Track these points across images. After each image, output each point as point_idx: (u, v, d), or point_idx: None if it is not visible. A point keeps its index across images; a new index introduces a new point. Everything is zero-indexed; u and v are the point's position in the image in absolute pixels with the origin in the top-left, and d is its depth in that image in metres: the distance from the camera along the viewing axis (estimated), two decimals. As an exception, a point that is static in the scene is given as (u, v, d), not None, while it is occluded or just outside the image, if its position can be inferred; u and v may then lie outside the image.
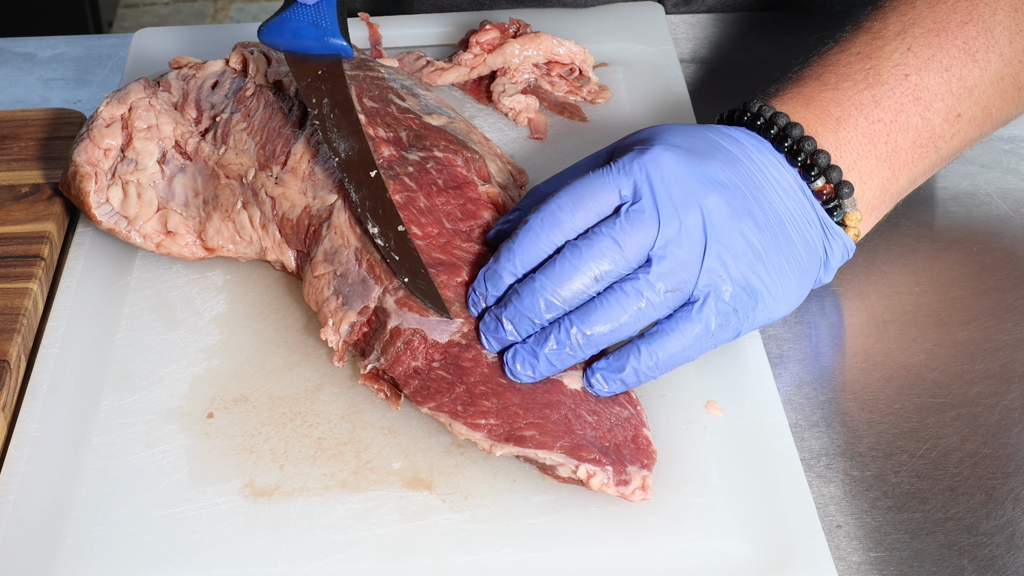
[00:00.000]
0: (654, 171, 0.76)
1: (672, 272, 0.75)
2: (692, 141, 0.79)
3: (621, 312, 0.75)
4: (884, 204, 0.84)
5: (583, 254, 0.75)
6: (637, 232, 0.75)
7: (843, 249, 0.81)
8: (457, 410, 0.75)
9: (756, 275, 0.76)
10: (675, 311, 0.76)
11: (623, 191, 0.76)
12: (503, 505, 0.74)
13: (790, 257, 0.78)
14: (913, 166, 0.83)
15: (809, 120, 0.82)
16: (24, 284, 0.88)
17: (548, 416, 0.75)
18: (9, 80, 1.16)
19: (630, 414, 0.76)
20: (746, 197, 0.77)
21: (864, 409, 0.83)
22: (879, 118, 0.82)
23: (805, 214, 0.80)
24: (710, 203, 0.76)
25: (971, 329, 0.89)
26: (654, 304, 0.75)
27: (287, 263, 0.87)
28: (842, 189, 0.80)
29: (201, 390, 0.81)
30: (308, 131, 0.88)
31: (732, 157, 0.79)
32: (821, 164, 0.80)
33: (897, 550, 0.75)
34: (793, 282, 0.78)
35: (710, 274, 0.75)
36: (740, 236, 0.76)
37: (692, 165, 0.77)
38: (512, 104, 1.02)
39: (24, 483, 0.76)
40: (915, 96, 0.83)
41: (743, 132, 0.82)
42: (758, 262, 0.76)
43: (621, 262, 0.75)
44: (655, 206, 0.75)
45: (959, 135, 0.84)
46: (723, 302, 0.75)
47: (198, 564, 0.72)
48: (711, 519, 0.73)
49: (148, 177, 0.90)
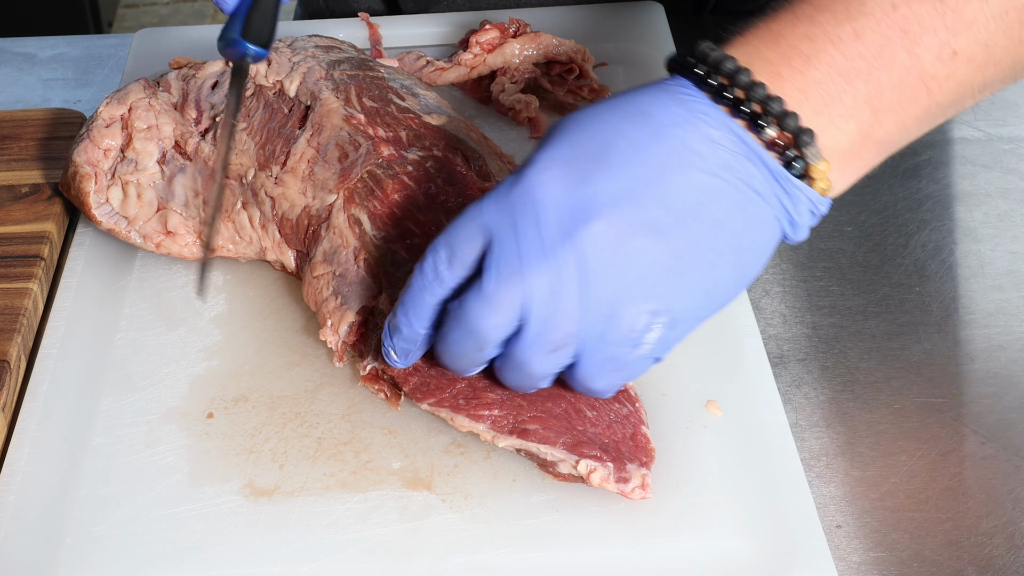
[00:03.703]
0: (522, 211, 0.68)
1: (546, 332, 0.68)
2: (584, 142, 0.70)
3: (517, 377, 0.71)
4: (867, 151, 0.72)
5: (462, 324, 0.70)
6: (505, 291, 0.68)
7: (809, 205, 0.71)
8: (459, 404, 0.75)
9: (661, 295, 0.68)
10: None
11: (494, 232, 0.69)
12: (503, 505, 0.74)
13: (717, 243, 0.69)
14: (900, 109, 0.72)
15: (774, 60, 0.71)
16: (24, 284, 0.88)
17: (551, 410, 0.75)
18: (9, 80, 1.16)
19: (629, 411, 0.76)
20: (643, 203, 0.68)
21: (864, 409, 0.83)
22: (859, 53, 0.71)
23: (747, 177, 0.69)
24: (590, 234, 0.67)
25: (971, 329, 0.89)
26: (541, 366, 0.70)
27: (287, 263, 0.87)
28: (801, 137, 0.70)
29: (201, 390, 0.81)
30: (308, 131, 0.88)
31: (635, 146, 0.69)
32: (774, 112, 0.70)
33: (897, 550, 0.75)
34: (727, 267, 0.70)
35: (596, 321, 0.68)
36: (633, 261, 0.68)
37: (571, 186, 0.68)
38: (512, 104, 1.02)
39: (24, 483, 0.76)
40: (903, 29, 0.71)
41: (667, 95, 0.71)
42: (664, 277, 0.68)
43: (500, 327, 0.69)
44: (520, 255, 0.68)
45: (955, 77, 0.72)
46: (613, 346, 0.69)
47: (198, 564, 0.72)
48: (711, 519, 0.73)
49: (148, 177, 0.90)
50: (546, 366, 0.70)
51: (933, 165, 1.03)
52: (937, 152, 1.05)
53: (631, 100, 0.71)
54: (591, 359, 0.70)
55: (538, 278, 0.68)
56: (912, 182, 1.02)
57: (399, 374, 0.77)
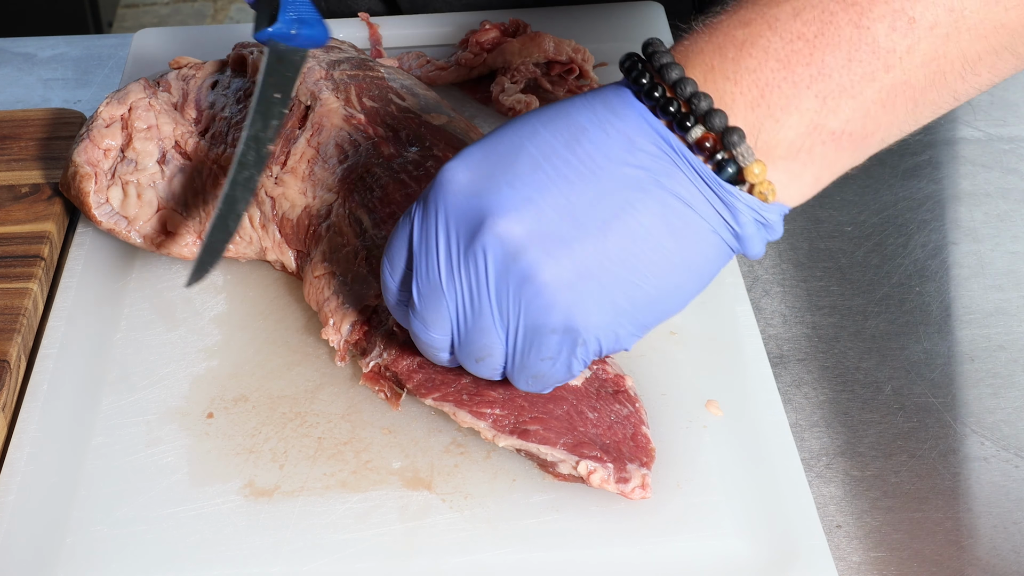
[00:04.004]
0: (432, 220, 0.66)
1: (467, 344, 0.68)
2: (498, 146, 0.65)
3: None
4: (821, 145, 0.64)
5: (412, 334, 0.70)
6: (430, 309, 0.67)
7: (751, 213, 0.64)
8: (462, 399, 0.75)
9: (564, 312, 0.64)
10: None
11: (414, 239, 0.67)
12: (503, 505, 0.74)
13: (632, 259, 0.64)
14: (855, 92, 0.63)
15: (707, 52, 0.64)
16: (24, 284, 0.88)
17: (552, 411, 0.75)
18: (9, 80, 1.16)
19: (629, 412, 0.76)
20: (543, 212, 0.63)
21: (864, 409, 0.83)
22: (799, 33, 0.62)
23: (671, 185, 0.63)
24: (487, 245, 0.64)
25: (971, 329, 0.89)
26: (477, 371, 0.70)
27: (287, 263, 0.87)
28: (728, 137, 0.62)
29: (201, 390, 0.81)
30: (308, 131, 0.88)
31: (545, 151, 0.64)
32: (699, 110, 0.62)
33: (897, 550, 0.75)
34: (648, 286, 0.65)
35: (506, 333, 0.66)
36: (532, 274, 0.64)
37: (473, 194, 0.64)
38: (512, 104, 1.02)
39: (24, 483, 0.76)
40: (848, 1, 0.62)
41: (599, 97, 0.65)
42: (565, 294, 0.64)
43: (438, 339, 0.69)
44: (438, 266, 0.66)
45: (918, 49, 0.62)
46: (525, 357, 0.67)
47: (198, 564, 0.72)
48: (711, 519, 0.73)
49: (148, 177, 0.90)
50: (481, 371, 0.69)
51: (933, 165, 1.03)
52: (937, 152, 1.05)
53: (563, 103, 0.66)
54: (512, 368, 0.68)
55: (453, 291, 0.66)
56: (912, 182, 1.02)
57: (404, 371, 0.77)
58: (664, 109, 0.63)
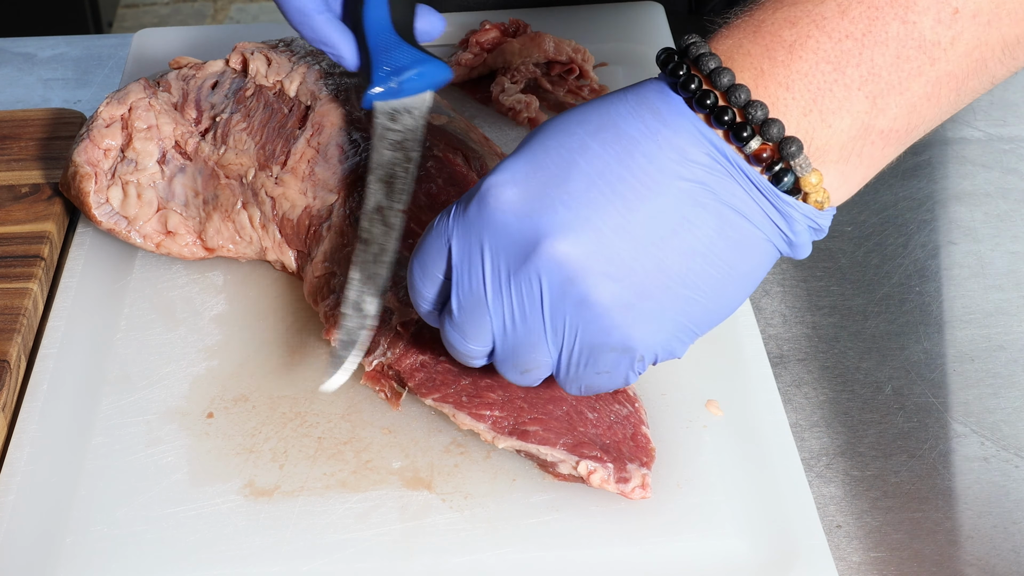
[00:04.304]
0: (478, 236, 0.64)
1: (512, 358, 0.66)
2: (546, 159, 0.63)
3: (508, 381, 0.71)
4: (871, 146, 0.64)
5: (445, 341, 0.69)
6: (470, 322, 0.66)
7: (806, 221, 0.64)
8: (462, 401, 0.75)
9: (623, 333, 0.64)
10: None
11: (453, 255, 0.65)
12: (503, 505, 0.74)
13: (691, 276, 0.63)
14: (903, 89, 0.62)
15: (756, 54, 0.62)
16: (24, 284, 0.88)
17: (551, 412, 0.75)
18: (9, 80, 1.16)
19: (629, 412, 0.76)
20: (602, 233, 0.62)
21: (864, 409, 0.83)
22: (847, 32, 0.61)
23: (728, 198, 0.62)
24: (544, 267, 0.62)
25: (971, 329, 0.89)
26: (518, 381, 0.68)
27: (287, 263, 0.87)
28: (787, 148, 0.61)
29: (201, 390, 0.81)
30: (308, 131, 0.88)
31: (598, 167, 0.63)
32: (756, 119, 0.61)
33: (897, 550, 0.75)
34: (704, 300, 0.64)
35: (559, 350, 0.65)
36: (591, 296, 0.63)
37: (526, 213, 0.63)
38: (512, 104, 1.02)
39: (24, 483, 0.76)
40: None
41: (642, 103, 0.64)
42: (626, 315, 0.63)
43: (475, 350, 0.68)
44: (483, 283, 0.64)
45: (963, 39, 0.62)
46: (578, 369, 0.66)
47: (198, 564, 0.72)
48: (711, 518, 0.73)
49: (148, 177, 0.90)
50: (523, 382, 0.68)
51: (933, 165, 1.03)
52: (937, 152, 1.05)
53: (603, 110, 0.64)
54: (563, 379, 0.67)
55: (497, 308, 0.65)
56: (912, 182, 1.02)
57: (406, 369, 0.77)
58: (718, 118, 0.62)
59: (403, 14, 0.81)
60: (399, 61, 0.79)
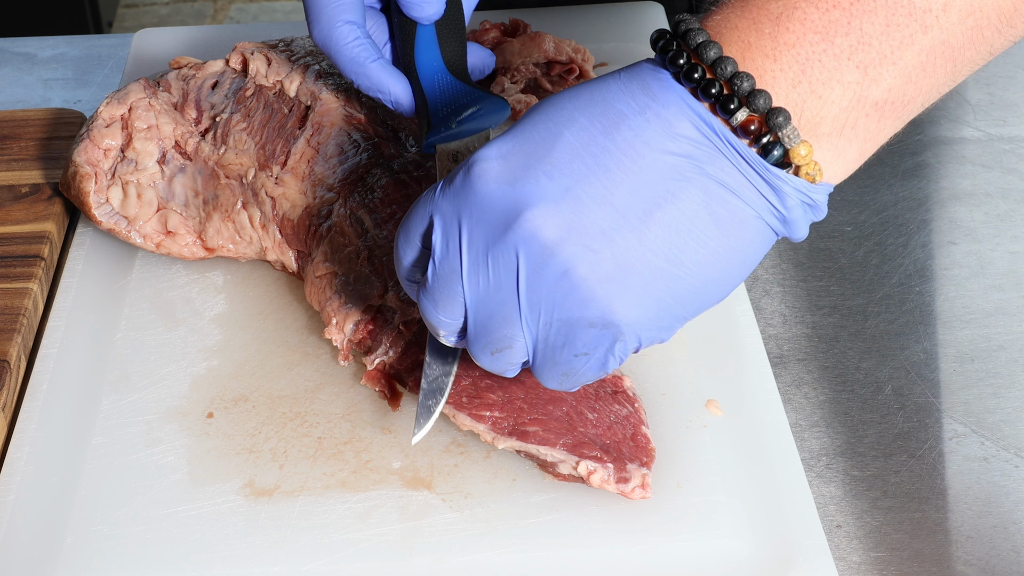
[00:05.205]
0: (463, 206, 0.63)
1: (485, 334, 0.65)
2: (534, 133, 0.63)
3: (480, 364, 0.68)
4: (864, 118, 0.62)
5: (420, 311, 0.68)
6: (444, 290, 0.65)
7: (799, 196, 0.62)
8: (462, 401, 0.75)
9: (603, 307, 0.62)
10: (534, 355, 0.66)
11: (436, 224, 0.65)
12: (503, 504, 0.74)
13: (676, 251, 0.61)
14: (895, 58, 0.61)
15: (743, 27, 0.62)
16: (24, 284, 0.88)
17: (551, 412, 0.75)
18: (9, 80, 1.16)
19: (628, 412, 0.77)
20: (583, 203, 0.61)
21: (864, 409, 0.83)
22: (835, 2, 0.60)
23: (716, 172, 0.61)
24: (522, 236, 0.61)
25: (971, 329, 0.89)
26: (489, 364, 0.67)
27: (287, 263, 0.87)
28: (774, 119, 0.60)
29: (201, 390, 0.82)
30: (308, 131, 0.88)
31: (583, 139, 0.62)
32: (742, 91, 0.60)
33: (897, 550, 0.75)
34: (691, 278, 0.62)
35: (536, 327, 0.64)
36: (570, 268, 0.62)
37: (509, 182, 0.62)
38: (512, 104, 1.02)
39: (24, 483, 0.76)
40: None
41: (634, 78, 0.63)
42: (606, 288, 0.62)
43: (447, 322, 0.66)
44: (459, 253, 0.64)
45: (954, 6, 0.61)
46: (556, 352, 0.64)
47: (198, 564, 0.72)
48: (711, 518, 0.73)
49: (148, 177, 0.90)
50: (494, 365, 0.67)
51: (933, 165, 1.03)
52: (937, 152, 1.05)
53: (595, 87, 0.64)
54: (538, 362, 0.66)
55: (472, 280, 0.64)
56: (912, 182, 1.02)
57: (407, 368, 0.77)
58: (705, 91, 0.61)
59: (455, 53, 0.81)
60: (456, 102, 0.79)
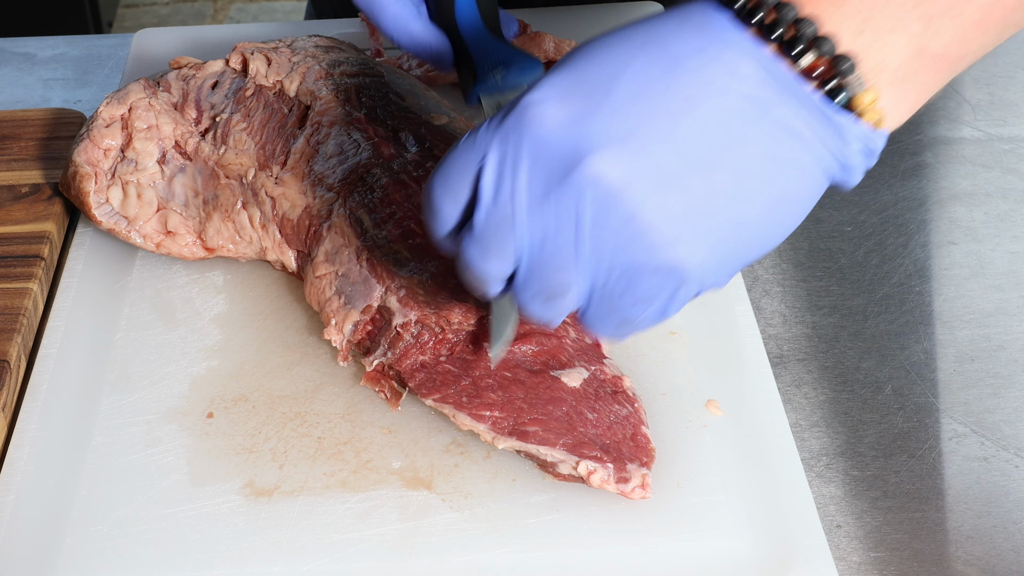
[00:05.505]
0: (515, 147, 0.61)
1: (539, 281, 0.63)
2: (590, 72, 0.61)
3: (527, 317, 0.66)
4: (925, 70, 0.61)
5: (462, 260, 0.65)
6: (495, 237, 0.62)
7: (861, 143, 0.61)
8: (462, 401, 0.75)
9: (668, 251, 0.60)
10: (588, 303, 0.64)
11: (486, 168, 0.62)
12: (503, 504, 0.74)
13: (740, 194, 0.60)
14: (955, 12, 0.60)
15: None
16: (24, 284, 0.88)
17: (551, 412, 0.75)
18: (9, 80, 1.16)
19: (628, 412, 0.77)
20: (648, 146, 0.59)
21: (864, 409, 0.83)
22: None
23: (779, 116, 0.60)
24: (586, 180, 0.59)
25: (971, 329, 0.89)
26: (539, 312, 0.65)
27: (287, 263, 0.87)
28: (840, 65, 0.59)
29: (201, 390, 0.82)
30: (308, 131, 0.88)
31: (644, 79, 0.60)
32: (807, 35, 0.59)
33: (897, 550, 0.75)
34: (752, 222, 0.61)
35: (595, 273, 0.62)
36: (636, 211, 0.60)
37: (569, 123, 0.60)
38: (512, 104, 1.02)
39: (24, 483, 0.76)
40: None
41: (687, 21, 0.61)
42: (673, 231, 0.60)
43: (495, 270, 0.64)
44: (512, 197, 0.61)
45: None
46: (615, 299, 0.62)
47: (198, 564, 0.72)
48: (711, 518, 0.73)
49: (148, 177, 0.90)
50: (545, 313, 0.65)
51: (933, 165, 1.03)
52: (937, 152, 1.05)
53: (648, 27, 0.61)
54: (593, 310, 0.63)
55: (529, 225, 0.61)
56: (912, 182, 1.02)
57: (406, 370, 0.77)
58: (769, 33, 0.59)
59: (490, 11, 0.84)
60: (498, 56, 0.81)
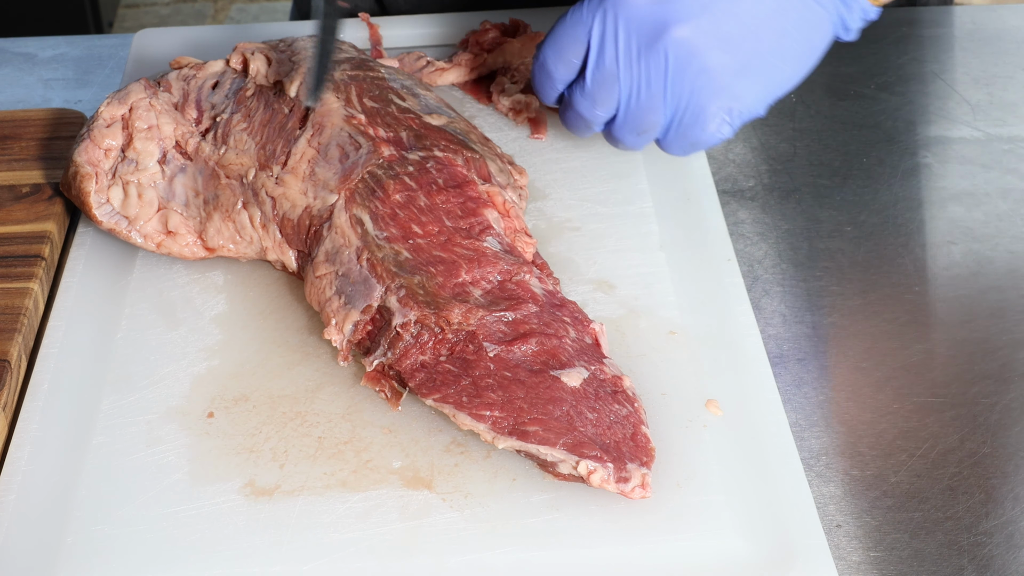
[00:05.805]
0: (615, 22, 0.83)
1: (635, 120, 0.85)
2: None
3: (618, 145, 0.89)
4: None
5: (573, 110, 0.88)
6: (602, 90, 0.85)
7: (861, 11, 0.84)
8: (462, 401, 0.75)
9: (729, 93, 0.82)
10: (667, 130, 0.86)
11: (592, 38, 0.84)
12: (503, 504, 0.74)
13: (780, 50, 0.83)
14: None
15: None
16: (25, 284, 0.88)
17: (551, 412, 0.75)
18: (10, 80, 1.16)
19: (628, 412, 0.77)
20: (716, 17, 0.81)
21: (864, 409, 0.83)
22: None
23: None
24: (671, 44, 0.81)
25: (971, 329, 0.89)
26: (631, 143, 0.87)
27: (288, 263, 0.87)
28: None
29: (201, 390, 0.82)
30: (309, 131, 0.88)
31: None
32: None
33: (897, 550, 0.75)
34: (786, 68, 0.84)
35: (675, 111, 0.83)
36: (708, 66, 0.81)
37: (657, 2, 0.81)
38: (512, 104, 1.02)
39: (24, 483, 0.76)
40: None
41: None
42: (733, 80, 0.82)
43: (600, 116, 0.86)
44: (616, 59, 0.83)
45: None
46: (689, 128, 0.84)
47: (198, 564, 0.72)
48: (711, 518, 0.73)
49: (148, 177, 0.90)
50: (636, 143, 0.87)
51: (932, 165, 1.03)
52: (937, 152, 1.05)
53: None
54: (671, 137, 0.86)
55: (629, 79, 0.83)
56: (912, 182, 1.02)
57: (406, 369, 0.77)
58: None
59: None
60: None
